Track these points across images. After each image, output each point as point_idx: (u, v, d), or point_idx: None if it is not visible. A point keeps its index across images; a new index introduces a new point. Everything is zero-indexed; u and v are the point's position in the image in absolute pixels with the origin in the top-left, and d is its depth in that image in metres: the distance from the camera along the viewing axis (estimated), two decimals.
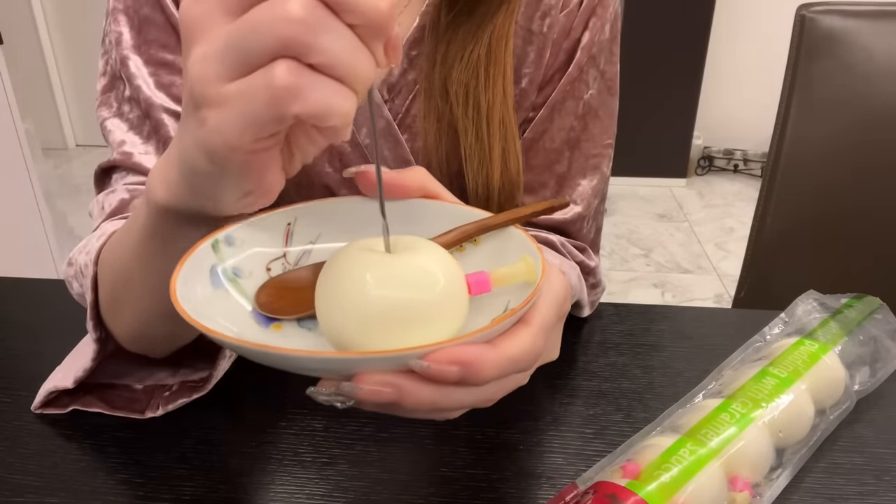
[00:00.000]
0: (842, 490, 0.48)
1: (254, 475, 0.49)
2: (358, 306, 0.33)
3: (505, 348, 0.32)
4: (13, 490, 0.48)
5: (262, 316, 0.38)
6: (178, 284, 0.34)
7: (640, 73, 2.91)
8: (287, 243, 0.41)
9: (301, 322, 0.39)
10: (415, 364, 0.30)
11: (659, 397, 0.57)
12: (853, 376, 0.54)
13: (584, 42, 0.63)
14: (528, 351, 0.33)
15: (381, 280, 0.33)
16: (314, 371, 0.32)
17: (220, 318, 0.35)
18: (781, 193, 0.93)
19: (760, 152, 3.14)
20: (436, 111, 0.61)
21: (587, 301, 0.66)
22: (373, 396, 0.31)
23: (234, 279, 0.39)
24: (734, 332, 0.61)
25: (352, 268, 0.34)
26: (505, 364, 0.32)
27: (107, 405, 0.54)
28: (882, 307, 0.60)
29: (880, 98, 0.88)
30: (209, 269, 0.37)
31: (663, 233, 2.75)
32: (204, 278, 0.37)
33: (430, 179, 0.42)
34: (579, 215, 0.66)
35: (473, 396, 0.33)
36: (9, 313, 0.70)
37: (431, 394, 0.31)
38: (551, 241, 0.63)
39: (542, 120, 0.64)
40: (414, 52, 0.61)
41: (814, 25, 0.87)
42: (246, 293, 0.39)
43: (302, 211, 0.42)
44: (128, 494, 0.48)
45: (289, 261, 0.41)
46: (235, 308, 0.38)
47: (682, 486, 0.41)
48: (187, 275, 0.35)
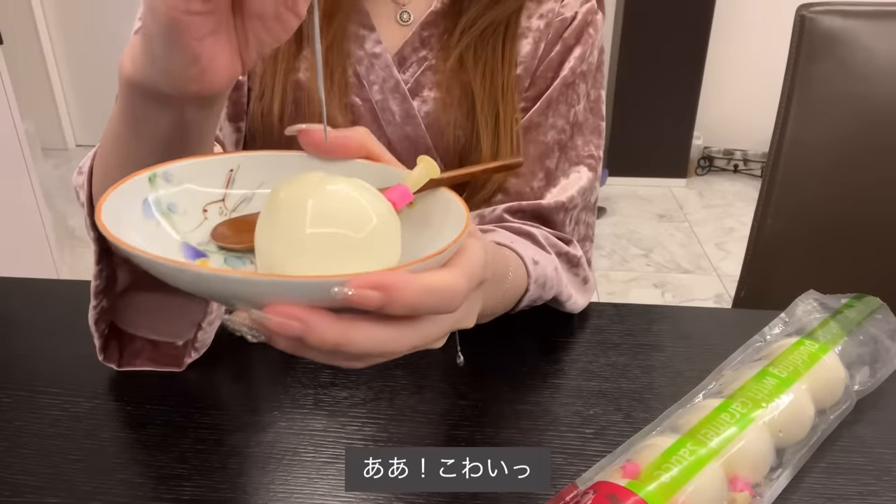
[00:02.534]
0: (842, 490, 0.48)
1: (254, 475, 0.49)
2: (291, 238, 0.33)
3: (426, 278, 0.32)
4: (13, 490, 0.48)
5: (191, 250, 0.39)
6: (105, 207, 0.34)
7: (641, 74, 2.91)
8: (228, 188, 0.41)
9: (227, 260, 0.39)
10: (336, 291, 0.30)
11: (659, 397, 0.57)
12: (853, 376, 0.54)
13: (575, 53, 0.68)
14: (449, 286, 0.33)
15: (319, 214, 0.33)
16: (230, 295, 0.31)
17: (144, 243, 0.35)
18: (781, 193, 0.93)
19: (760, 152, 3.14)
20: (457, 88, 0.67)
21: (570, 293, 0.66)
22: (280, 328, 0.30)
23: (168, 213, 0.39)
24: (734, 332, 0.61)
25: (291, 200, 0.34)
26: (424, 292, 0.31)
27: (154, 363, 0.59)
28: (882, 307, 0.60)
29: (880, 98, 0.88)
30: (142, 200, 0.38)
31: (663, 233, 2.75)
32: (136, 207, 0.37)
33: (372, 140, 0.42)
34: (561, 204, 0.68)
35: (377, 342, 0.33)
36: (9, 313, 0.70)
37: (335, 332, 0.31)
38: (531, 233, 0.64)
39: (538, 112, 0.68)
40: (426, 34, 0.68)
41: (814, 25, 0.87)
42: (178, 228, 0.39)
43: (246, 159, 0.42)
44: (128, 494, 0.48)
45: (227, 206, 0.41)
46: (165, 239, 0.38)
47: (682, 486, 0.41)
48: (117, 201, 0.35)
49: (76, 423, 0.54)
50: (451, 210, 0.39)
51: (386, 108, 0.68)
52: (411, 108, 0.68)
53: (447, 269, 0.34)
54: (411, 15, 0.69)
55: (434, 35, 0.68)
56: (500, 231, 0.63)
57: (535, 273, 0.59)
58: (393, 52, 0.68)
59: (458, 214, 0.37)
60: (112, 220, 0.33)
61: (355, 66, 0.67)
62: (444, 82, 0.67)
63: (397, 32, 0.68)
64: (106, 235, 0.32)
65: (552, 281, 0.61)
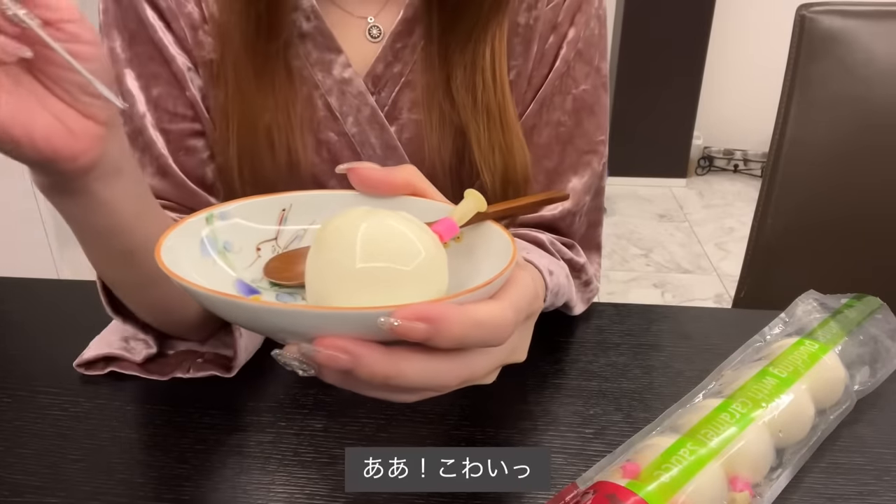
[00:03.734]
0: (842, 490, 0.48)
1: (254, 475, 0.49)
2: (340, 272, 0.34)
3: (473, 310, 0.32)
4: (13, 490, 0.48)
5: (245, 287, 0.40)
6: (164, 247, 0.36)
7: (640, 73, 2.91)
8: (280, 226, 0.43)
9: (279, 297, 0.40)
10: (383, 322, 0.30)
11: (659, 397, 0.57)
12: (853, 376, 0.54)
13: (569, 37, 0.63)
14: (496, 317, 0.33)
15: (367, 247, 0.34)
16: (279, 328, 0.32)
17: (201, 280, 0.36)
18: (781, 193, 0.93)
19: (760, 152, 3.14)
20: (439, 111, 0.61)
21: (577, 299, 0.66)
22: (330, 361, 0.30)
23: (224, 252, 0.40)
24: (734, 332, 0.61)
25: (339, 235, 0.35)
26: (471, 325, 0.31)
27: (141, 368, 0.58)
28: (882, 307, 0.60)
29: (880, 98, 0.88)
30: (200, 238, 0.39)
31: (663, 233, 2.75)
32: (193, 246, 0.39)
33: (419, 177, 0.43)
34: (569, 212, 0.66)
35: (427, 376, 0.33)
36: (9, 313, 0.70)
37: (385, 366, 0.31)
38: (540, 240, 0.63)
39: (532, 115, 0.65)
40: (399, 45, 0.61)
41: (814, 25, 0.87)
42: (234, 266, 0.40)
43: (298, 199, 0.43)
44: (128, 494, 0.48)
45: (279, 244, 0.43)
46: (220, 276, 0.39)
47: (682, 486, 0.41)
48: (176, 240, 0.37)
49: (76, 423, 0.54)
50: (497, 242, 0.39)
51: (365, 141, 0.63)
52: (391, 138, 0.63)
53: (495, 301, 0.33)
54: (381, 29, 0.62)
55: (407, 46, 0.61)
56: None
57: (552, 284, 0.58)
58: (364, 72, 0.62)
59: (505, 246, 0.38)
60: (171, 258, 0.35)
61: (325, 97, 0.62)
62: (423, 101, 0.62)
63: (368, 50, 0.62)
64: (165, 272, 0.33)
65: (564, 289, 0.61)
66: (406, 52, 0.61)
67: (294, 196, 0.43)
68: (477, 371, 0.35)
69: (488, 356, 0.35)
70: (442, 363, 0.33)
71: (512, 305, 0.34)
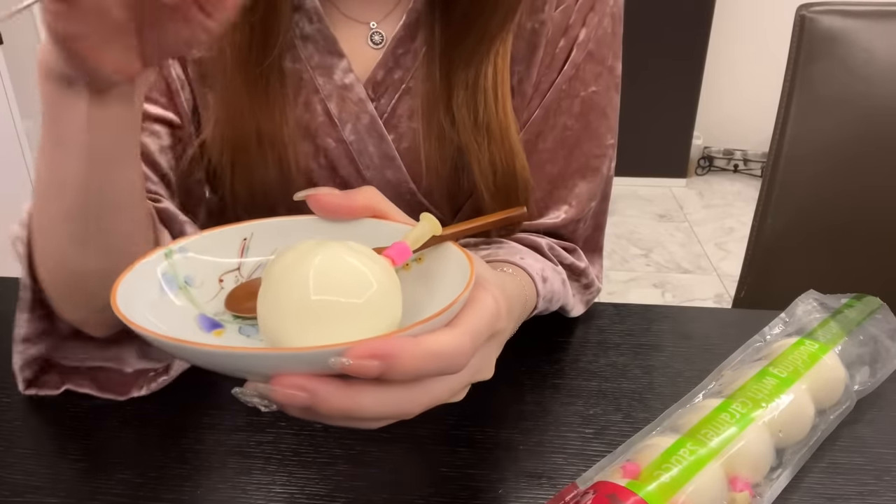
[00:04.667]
0: (842, 490, 0.48)
1: (254, 475, 0.49)
2: (291, 307, 0.34)
3: (427, 342, 0.31)
4: (13, 490, 0.48)
5: (207, 321, 0.39)
6: (121, 288, 0.35)
7: (640, 73, 2.90)
8: (242, 256, 0.43)
9: (242, 329, 0.40)
10: (334, 361, 0.30)
11: (659, 397, 0.57)
12: (853, 376, 0.54)
13: (580, 39, 0.62)
14: (451, 347, 0.32)
15: (317, 282, 0.34)
16: (235, 369, 0.32)
17: (159, 322, 0.36)
18: (781, 193, 0.93)
19: (760, 152, 3.14)
20: (438, 127, 0.60)
21: (573, 304, 0.65)
22: (287, 399, 0.30)
23: (185, 287, 0.40)
24: (734, 332, 0.61)
25: (289, 271, 0.35)
26: (426, 358, 0.31)
27: (96, 386, 0.55)
28: (882, 307, 0.60)
29: (880, 98, 0.88)
30: (160, 274, 0.39)
31: (663, 233, 2.75)
32: (153, 283, 0.38)
33: (380, 199, 0.43)
34: (572, 219, 0.65)
35: (386, 406, 0.32)
36: (8, 313, 0.69)
37: (342, 400, 0.31)
38: (538, 244, 0.63)
39: (537, 122, 0.63)
40: (400, 51, 0.60)
41: (814, 25, 0.87)
42: (195, 301, 0.40)
43: (258, 227, 0.43)
44: (128, 494, 0.48)
45: (242, 274, 0.42)
46: (181, 313, 0.39)
47: (682, 486, 0.41)
48: (133, 280, 0.36)
49: (76, 423, 0.54)
50: (455, 264, 0.39)
51: (363, 150, 0.62)
52: (390, 148, 0.62)
53: (449, 330, 0.33)
54: (384, 36, 0.61)
55: (409, 52, 0.60)
56: (508, 244, 0.61)
57: (544, 290, 0.58)
58: (365, 78, 0.61)
59: (463, 268, 0.37)
60: (125, 300, 0.34)
61: (325, 103, 0.61)
62: (422, 109, 0.61)
63: (369, 57, 0.61)
64: (118, 316, 0.33)
65: (559, 294, 0.61)
66: (407, 58, 0.60)
67: (255, 224, 0.43)
68: (439, 396, 0.34)
69: (448, 382, 0.35)
70: (400, 393, 0.33)
71: (468, 331, 0.33)
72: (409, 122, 0.62)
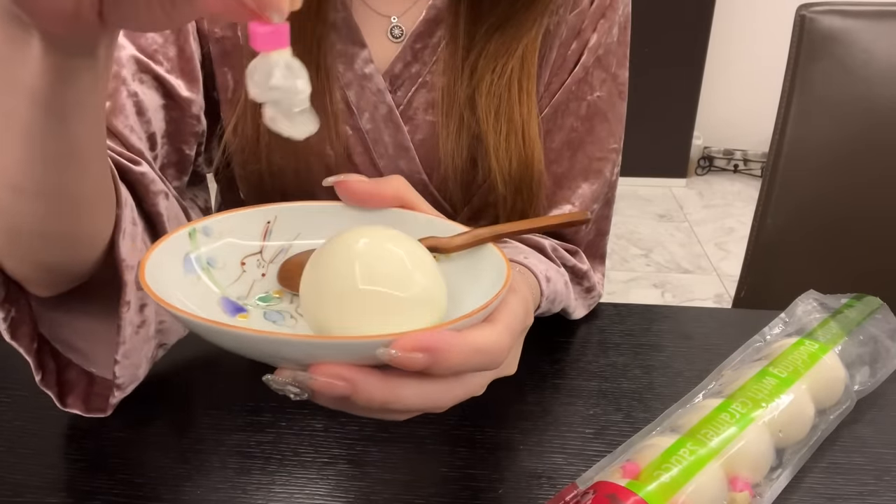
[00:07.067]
0: (842, 490, 0.48)
1: (254, 475, 0.49)
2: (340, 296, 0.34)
3: (471, 337, 0.32)
4: (13, 490, 0.48)
5: (231, 305, 0.39)
6: (148, 266, 0.35)
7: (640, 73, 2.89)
8: (265, 240, 0.42)
9: (267, 314, 0.40)
10: (381, 352, 0.30)
11: (659, 397, 0.57)
12: (853, 376, 0.54)
13: (591, 43, 0.63)
14: (493, 343, 0.33)
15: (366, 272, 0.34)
16: (275, 356, 0.31)
17: (187, 301, 0.36)
18: (781, 193, 0.93)
19: (760, 152, 3.13)
20: (458, 117, 0.61)
21: (575, 306, 0.65)
22: (326, 388, 0.30)
23: (208, 268, 0.39)
24: (734, 332, 0.61)
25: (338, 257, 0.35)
26: (470, 353, 0.31)
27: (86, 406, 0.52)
28: (882, 307, 0.60)
29: (880, 98, 0.88)
30: (183, 255, 0.38)
31: (663, 233, 2.75)
32: (176, 264, 0.38)
33: (408, 189, 0.42)
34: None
35: (424, 399, 0.33)
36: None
37: (383, 392, 0.31)
38: (542, 245, 0.63)
39: (546, 120, 0.64)
40: (419, 45, 0.61)
41: (814, 26, 0.87)
42: (218, 282, 0.40)
43: (282, 211, 0.43)
44: (128, 494, 0.47)
45: (265, 257, 0.42)
46: (205, 294, 0.38)
47: (682, 486, 0.41)
48: (159, 258, 0.36)
49: (76, 424, 0.54)
50: (492, 262, 0.39)
51: (378, 139, 0.63)
52: (405, 138, 0.62)
53: (491, 326, 0.33)
54: (403, 30, 0.62)
55: (427, 46, 0.61)
56: (512, 244, 0.61)
57: (548, 291, 0.58)
58: (383, 70, 0.62)
59: (500, 267, 0.38)
60: (154, 279, 0.34)
61: (343, 91, 0.62)
62: (439, 102, 0.61)
63: (388, 50, 0.62)
64: (151, 297, 0.32)
65: (562, 296, 0.61)
66: (426, 52, 0.61)
67: (279, 207, 0.42)
68: (473, 390, 0.35)
69: (484, 377, 0.35)
70: (439, 386, 0.33)
71: (507, 328, 0.34)
72: (425, 115, 0.63)
